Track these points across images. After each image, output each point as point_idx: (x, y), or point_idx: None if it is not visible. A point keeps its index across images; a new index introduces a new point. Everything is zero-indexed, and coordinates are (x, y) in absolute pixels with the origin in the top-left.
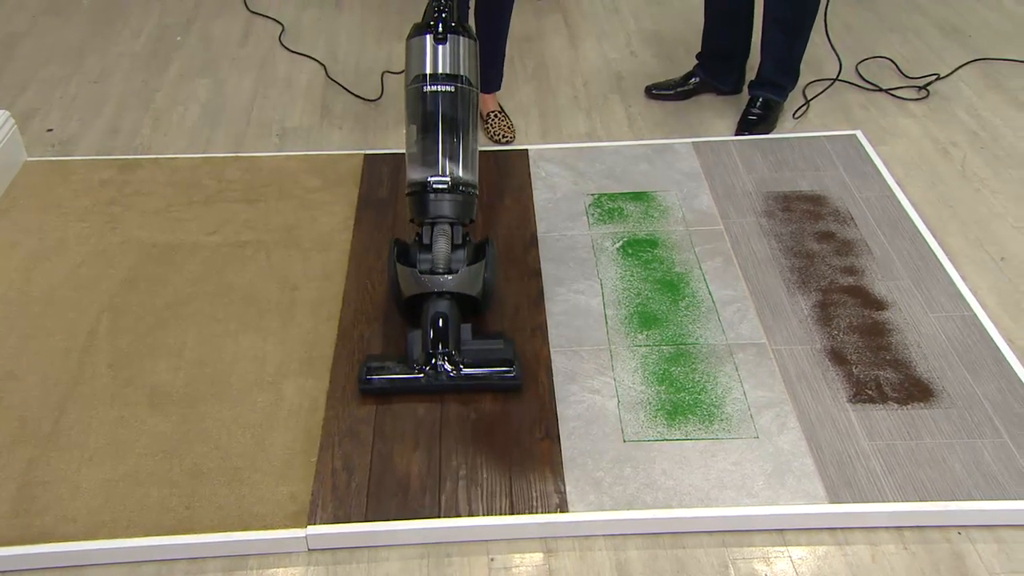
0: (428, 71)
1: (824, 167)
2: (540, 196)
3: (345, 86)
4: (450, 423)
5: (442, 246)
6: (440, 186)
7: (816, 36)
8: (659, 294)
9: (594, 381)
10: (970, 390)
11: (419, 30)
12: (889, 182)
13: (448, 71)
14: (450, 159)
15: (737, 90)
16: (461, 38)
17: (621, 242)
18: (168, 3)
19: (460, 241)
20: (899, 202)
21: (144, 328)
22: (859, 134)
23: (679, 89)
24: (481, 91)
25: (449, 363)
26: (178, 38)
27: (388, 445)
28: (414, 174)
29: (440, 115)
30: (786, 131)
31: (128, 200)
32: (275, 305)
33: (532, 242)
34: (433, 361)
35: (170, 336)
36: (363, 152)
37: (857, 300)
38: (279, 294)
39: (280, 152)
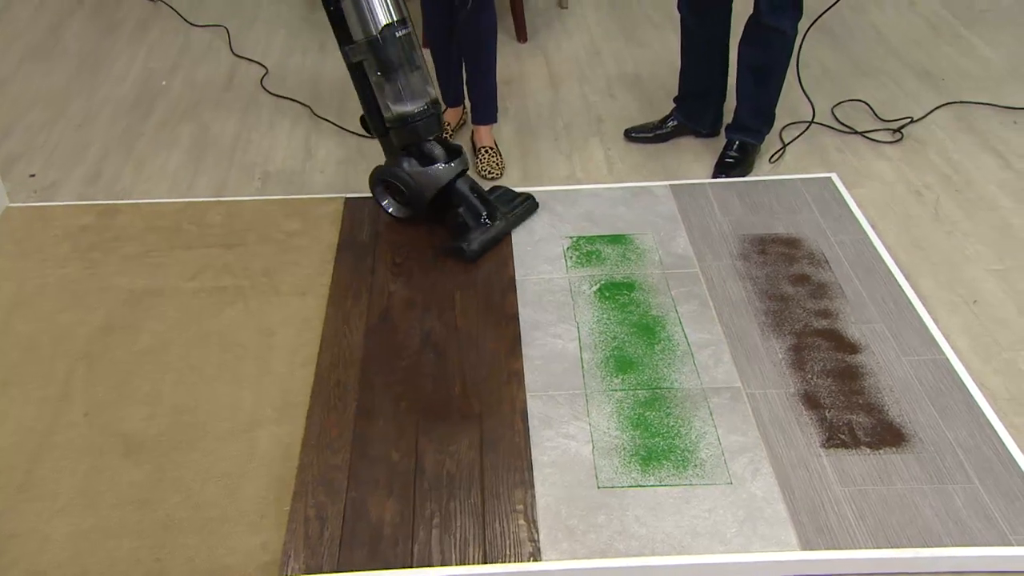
0: (395, 18)
1: (799, 210)
2: (518, 239)
3: (335, 121)
4: (424, 470)
5: (440, 150)
6: (431, 111)
7: (792, 78)
8: (635, 338)
9: (569, 427)
10: (941, 435)
11: None
12: (863, 225)
13: (402, 15)
14: (430, 87)
15: (715, 133)
16: None
17: (598, 285)
18: (154, 48)
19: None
20: (873, 245)
21: (121, 375)
22: (834, 177)
23: (657, 132)
24: (475, 123)
25: (500, 208)
26: (163, 82)
27: (362, 493)
28: (402, 108)
29: (411, 54)
30: (762, 174)
31: (108, 245)
32: (252, 351)
33: (510, 286)
34: (495, 212)
35: (146, 383)
36: (344, 196)
37: (831, 343)
38: (256, 340)
39: (261, 196)
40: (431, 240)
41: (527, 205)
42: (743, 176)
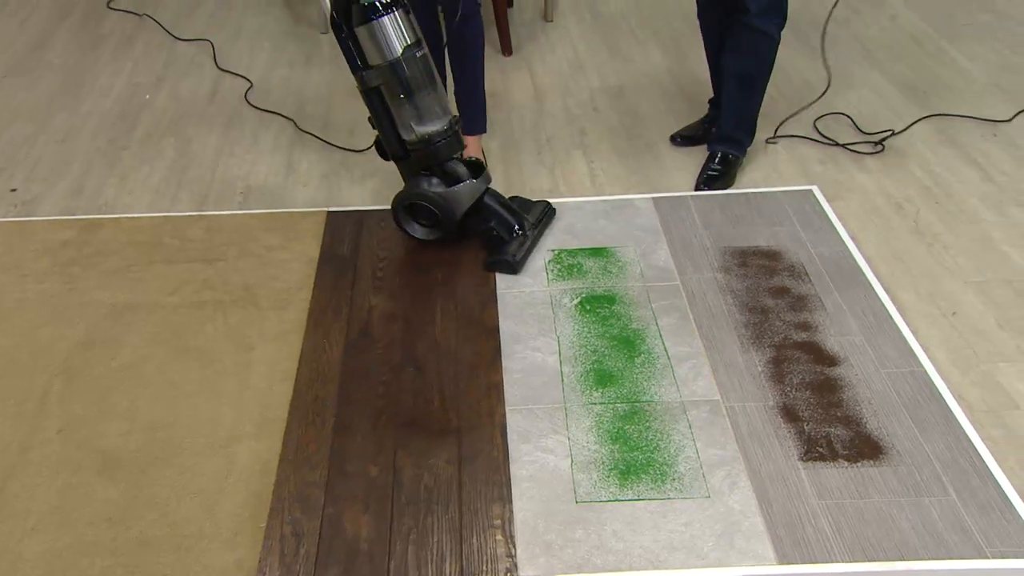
0: (411, 40)
1: (780, 222)
2: None
3: (318, 135)
4: (402, 485)
5: (463, 168)
6: (452, 129)
7: (772, 90)
8: (615, 351)
9: (548, 440)
10: (919, 447)
11: (383, 8)
12: (843, 237)
13: (416, 37)
14: (448, 104)
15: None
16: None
17: (579, 298)
18: (139, 61)
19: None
20: (853, 257)
21: (98, 391)
22: (815, 189)
23: (703, 129)
24: (464, 133)
25: (526, 218)
26: (147, 96)
27: (339, 509)
28: (425, 129)
29: (431, 74)
30: (744, 186)
31: (88, 260)
32: (231, 366)
33: (491, 299)
34: (524, 222)
35: (124, 399)
36: (326, 210)
37: (810, 356)
38: (235, 355)
39: (242, 210)
40: (412, 254)
41: (548, 212)
42: (725, 188)
